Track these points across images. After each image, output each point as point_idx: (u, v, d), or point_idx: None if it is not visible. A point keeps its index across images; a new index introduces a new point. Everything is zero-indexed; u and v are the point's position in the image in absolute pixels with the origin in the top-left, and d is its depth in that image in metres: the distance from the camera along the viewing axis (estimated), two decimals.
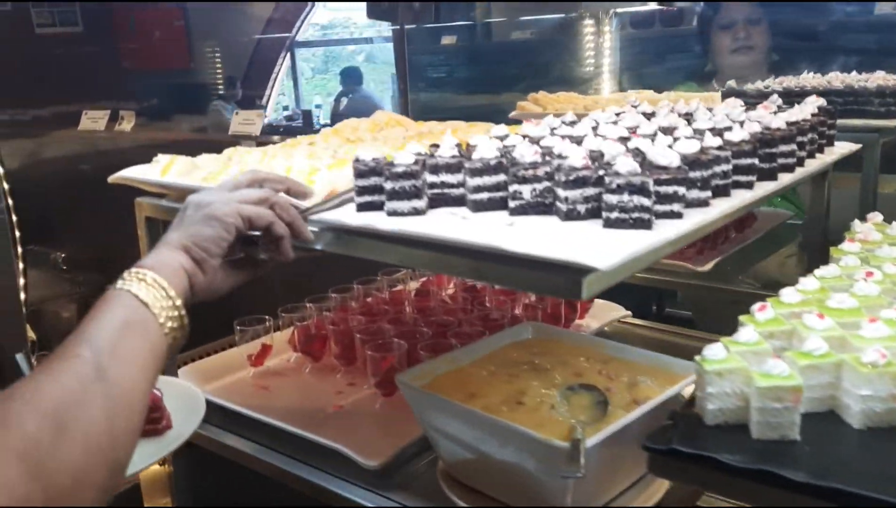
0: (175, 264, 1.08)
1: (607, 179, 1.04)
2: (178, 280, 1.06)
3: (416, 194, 1.17)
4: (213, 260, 1.13)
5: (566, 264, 0.93)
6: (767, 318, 1.05)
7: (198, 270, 1.11)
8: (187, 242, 1.11)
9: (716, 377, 0.92)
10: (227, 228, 1.13)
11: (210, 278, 1.13)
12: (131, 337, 0.94)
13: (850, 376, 0.91)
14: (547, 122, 1.54)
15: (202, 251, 1.11)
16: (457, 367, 1.38)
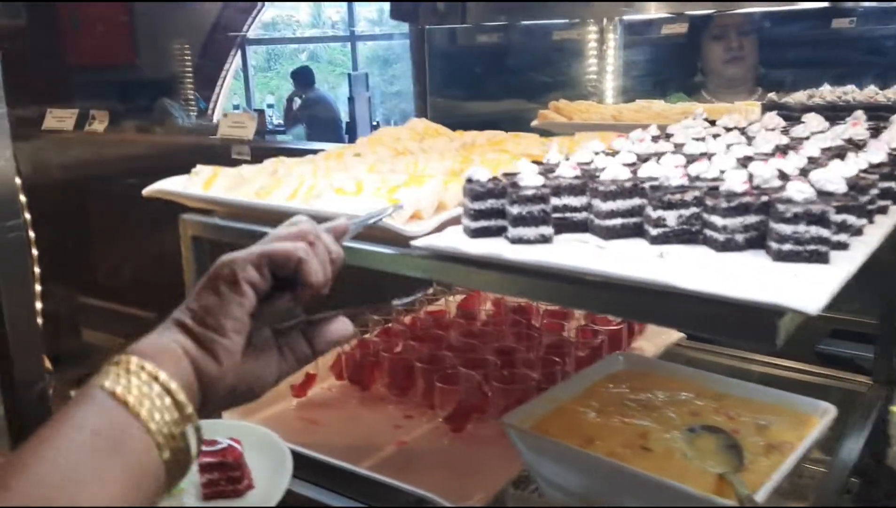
0: (172, 347, 0.75)
1: (780, 206, 0.94)
2: (177, 370, 0.73)
3: (545, 219, 1.05)
4: (226, 339, 0.77)
5: (762, 305, 0.82)
6: None
7: (205, 355, 0.76)
8: (184, 318, 0.78)
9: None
10: (236, 287, 0.78)
11: (228, 368, 0.77)
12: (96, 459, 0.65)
13: None
14: (634, 136, 1.44)
15: (205, 329, 0.77)
16: (559, 406, 1.26)
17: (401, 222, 1.17)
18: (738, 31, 2.99)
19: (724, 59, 3.03)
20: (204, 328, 0.77)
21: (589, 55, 3.53)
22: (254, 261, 0.80)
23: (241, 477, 1.18)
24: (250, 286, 0.79)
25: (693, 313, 0.87)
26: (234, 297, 0.78)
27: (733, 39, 2.99)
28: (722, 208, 0.97)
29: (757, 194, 0.98)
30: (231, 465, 1.18)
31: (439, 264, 1.09)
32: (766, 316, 0.82)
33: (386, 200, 1.26)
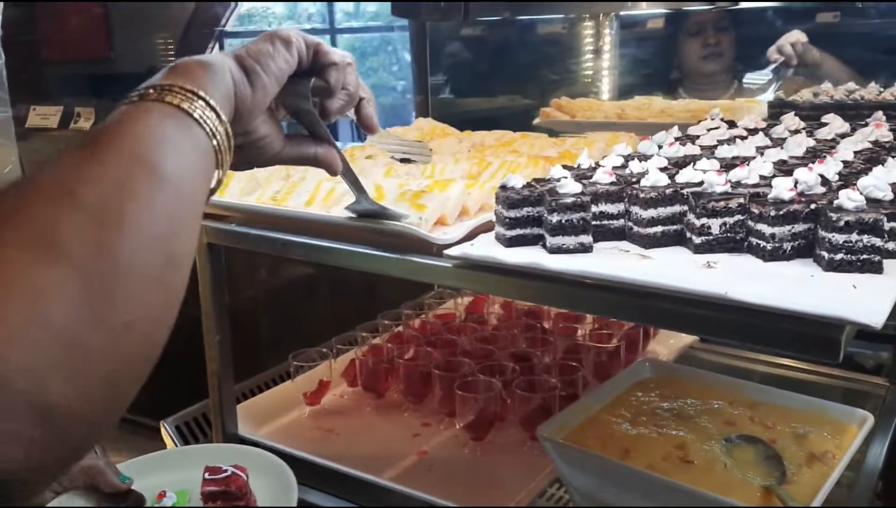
0: (220, 67, 0.80)
1: (833, 215, 0.91)
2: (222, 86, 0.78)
3: (584, 228, 1.02)
4: (267, 77, 0.85)
5: (825, 319, 0.80)
6: None
7: (246, 81, 0.83)
8: (240, 51, 0.86)
9: None
10: (288, 47, 0.89)
11: (259, 100, 0.84)
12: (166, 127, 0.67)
13: None
14: (659, 139, 1.41)
15: (255, 62, 0.85)
16: (589, 416, 1.23)
17: (426, 228, 1.14)
18: (716, 27, 2.96)
19: (702, 55, 3.00)
20: (254, 61, 0.85)
21: (585, 51, 3.51)
22: (307, 40, 0.92)
23: (245, 506, 1.15)
24: (297, 54, 0.90)
25: (754, 327, 0.85)
26: (283, 52, 0.88)
27: (710, 36, 2.96)
28: (770, 216, 0.95)
29: (805, 202, 0.96)
30: (234, 494, 1.15)
31: (473, 273, 1.05)
32: (828, 330, 0.80)
33: (410, 205, 1.23)
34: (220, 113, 0.73)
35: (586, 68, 3.46)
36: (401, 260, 1.12)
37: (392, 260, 1.13)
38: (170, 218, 0.61)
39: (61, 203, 0.54)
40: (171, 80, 0.72)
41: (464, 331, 1.83)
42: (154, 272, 0.58)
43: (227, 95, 0.79)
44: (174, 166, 0.64)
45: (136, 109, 0.67)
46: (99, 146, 0.61)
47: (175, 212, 0.62)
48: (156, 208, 0.60)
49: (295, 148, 0.96)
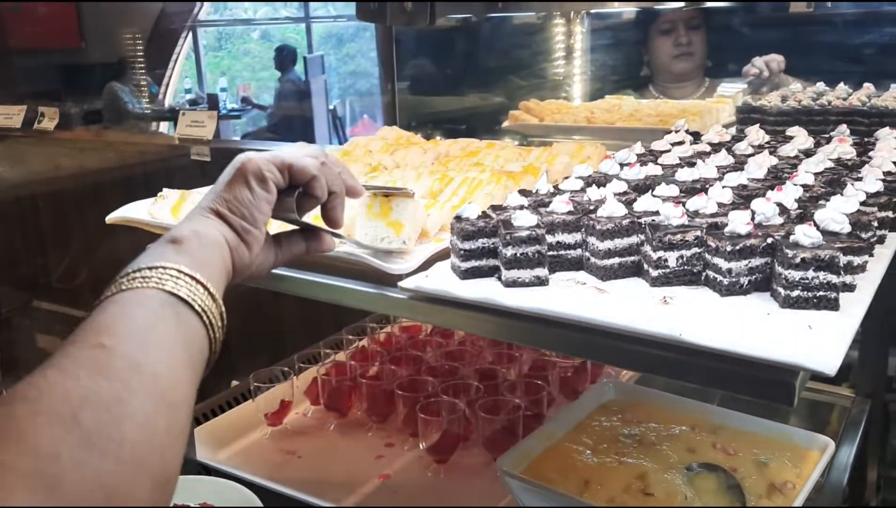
0: (214, 236, 0.84)
1: (788, 252, 0.90)
2: (218, 258, 0.83)
3: (540, 261, 0.99)
4: (257, 231, 0.89)
5: (778, 364, 0.78)
6: None
7: (241, 243, 0.87)
8: (222, 208, 0.87)
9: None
10: (265, 185, 0.89)
11: (254, 256, 0.90)
12: (164, 324, 0.70)
13: None
14: (621, 158, 1.39)
15: (242, 219, 0.87)
16: (552, 443, 1.21)
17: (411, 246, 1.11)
18: (687, 25, 2.95)
19: (673, 54, 2.99)
20: (241, 219, 0.87)
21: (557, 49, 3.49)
22: (278, 165, 0.91)
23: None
24: (273, 184, 0.91)
25: (709, 369, 0.83)
26: (263, 193, 0.89)
27: (682, 34, 2.95)
28: (727, 250, 0.93)
29: (762, 236, 0.94)
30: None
31: (429, 306, 1.03)
32: (783, 375, 0.79)
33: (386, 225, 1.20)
34: (217, 298, 0.77)
35: (557, 67, 3.43)
36: (356, 291, 1.10)
37: (347, 290, 1.10)
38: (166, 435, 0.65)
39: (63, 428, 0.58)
40: (170, 260, 0.75)
41: (427, 345, 1.81)
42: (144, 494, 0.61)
43: (225, 269, 0.84)
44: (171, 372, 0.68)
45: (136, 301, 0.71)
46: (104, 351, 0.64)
47: (170, 429, 0.65)
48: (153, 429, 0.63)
49: (287, 252, 1.00)
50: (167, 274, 0.74)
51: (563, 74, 3.49)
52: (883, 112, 2.07)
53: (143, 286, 0.72)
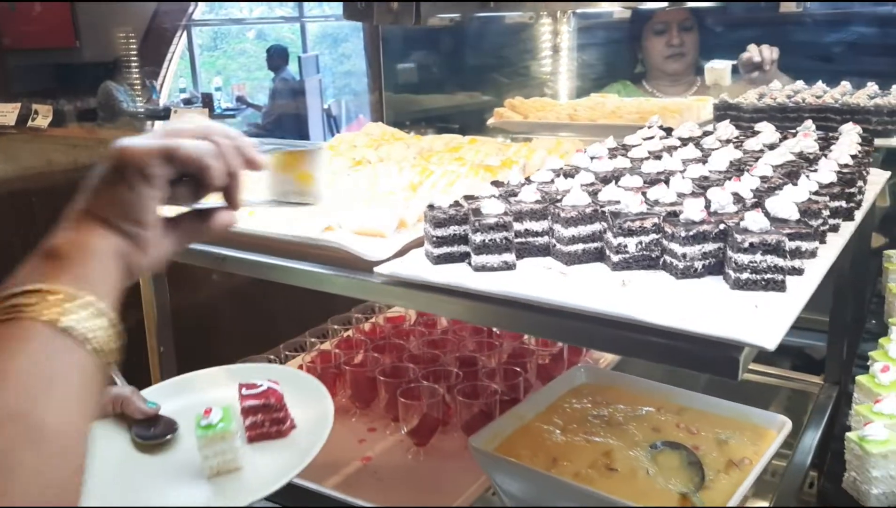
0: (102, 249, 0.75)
1: (738, 236, 0.95)
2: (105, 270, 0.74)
3: (507, 247, 1.05)
4: (149, 232, 0.79)
5: (723, 340, 0.84)
6: (892, 380, 1.00)
7: (132, 249, 0.78)
8: (102, 211, 0.77)
9: (881, 459, 0.85)
10: (149, 182, 0.78)
11: (149, 256, 0.80)
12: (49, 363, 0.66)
13: None
14: (592, 152, 1.44)
15: (128, 223, 0.77)
16: (524, 424, 1.27)
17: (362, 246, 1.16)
18: (680, 26, 3.04)
19: (666, 54, 3.08)
20: (128, 223, 0.78)
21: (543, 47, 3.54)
22: (162, 155, 0.79)
23: (285, 418, 1.15)
24: (160, 179, 0.79)
25: (658, 346, 0.89)
26: (148, 191, 0.78)
27: (674, 35, 3.04)
28: (681, 236, 0.99)
29: (715, 222, 1.00)
30: (274, 406, 1.14)
31: (404, 290, 1.08)
32: (727, 351, 0.84)
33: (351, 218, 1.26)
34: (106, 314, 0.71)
35: (544, 65, 3.49)
36: (333, 276, 1.15)
37: (325, 276, 1.16)
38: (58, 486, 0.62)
39: None
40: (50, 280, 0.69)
41: (411, 334, 1.86)
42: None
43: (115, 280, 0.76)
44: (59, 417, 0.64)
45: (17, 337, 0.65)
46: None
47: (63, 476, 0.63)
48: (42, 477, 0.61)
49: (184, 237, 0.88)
50: (47, 300, 0.68)
51: (550, 72, 3.54)
52: (854, 109, 2.14)
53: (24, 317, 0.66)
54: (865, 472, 0.87)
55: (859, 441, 0.88)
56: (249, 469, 1.11)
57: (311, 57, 9.33)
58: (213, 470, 1.10)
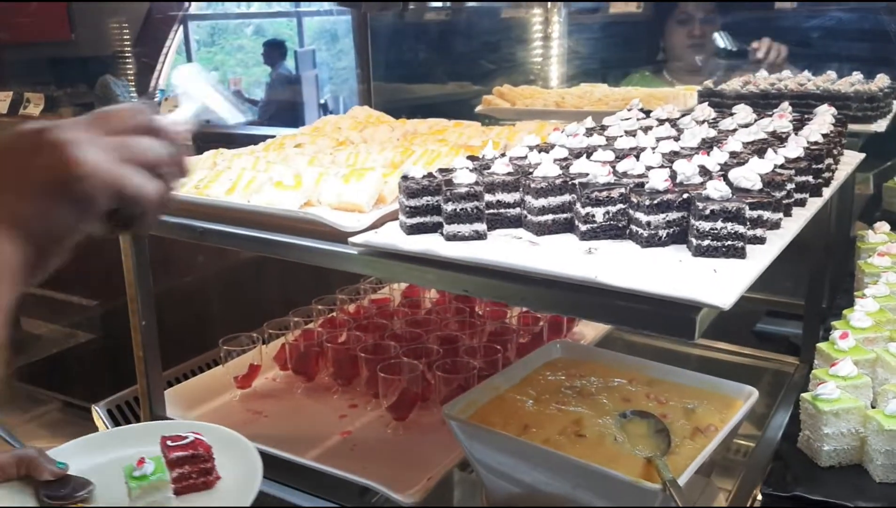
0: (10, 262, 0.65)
1: (699, 204, 0.98)
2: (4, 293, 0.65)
3: (479, 216, 1.07)
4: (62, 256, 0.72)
5: (680, 300, 0.86)
6: (850, 346, 1.02)
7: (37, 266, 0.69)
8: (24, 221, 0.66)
9: (832, 417, 0.88)
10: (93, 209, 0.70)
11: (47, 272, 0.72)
12: None
13: None
14: (570, 130, 1.47)
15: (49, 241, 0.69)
16: (498, 395, 1.29)
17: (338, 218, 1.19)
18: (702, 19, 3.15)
19: (687, 44, 3.17)
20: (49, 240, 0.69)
21: (534, 38, 3.56)
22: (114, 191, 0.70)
23: (212, 469, 1.18)
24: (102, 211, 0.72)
25: (618, 308, 0.91)
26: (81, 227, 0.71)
27: (696, 27, 3.14)
28: (645, 205, 1.01)
29: (679, 192, 1.02)
30: (203, 457, 1.17)
31: (377, 260, 1.10)
32: (684, 311, 0.87)
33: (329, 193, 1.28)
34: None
35: (536, 56, 3.51)
36: (308, 247, 1.17)
37: (300, 247, 1.18)
38: None
39: None
40: None
41: (395, 316, 1.89)
42: None
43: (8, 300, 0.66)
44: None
45: None
46: None
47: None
48: None
49: None
50: None
51: (541, 62, 3.57)
52: (834, 95, 2.16)
53: None
54: (818, 430, 0.90)
55: (812, 401, 0.91)
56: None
57: (308, 52, 9.33)
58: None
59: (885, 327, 1.09)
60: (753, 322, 2.47)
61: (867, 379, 0.96)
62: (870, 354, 1.03)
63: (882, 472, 0.86)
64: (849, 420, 0.88)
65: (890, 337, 1.04)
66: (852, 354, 1.02)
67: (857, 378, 0.95)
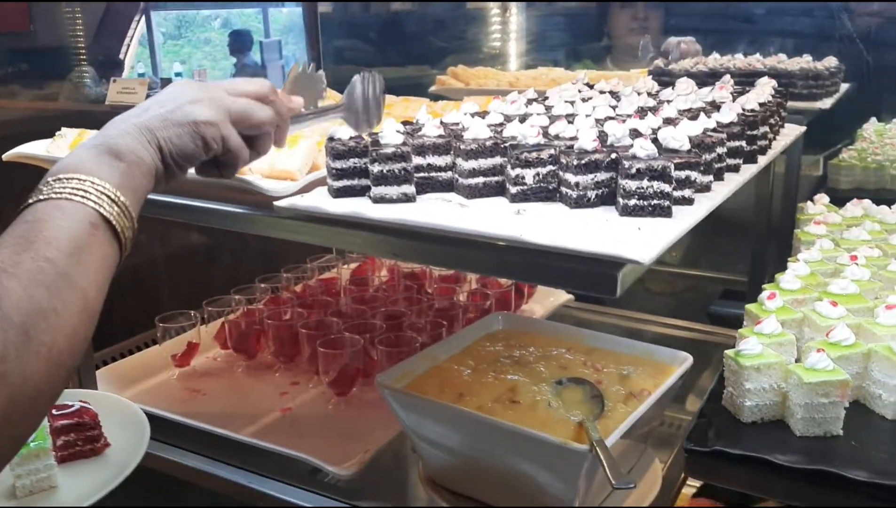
0: (150, 166, 0.88)
1: (626, 163, 0.97)
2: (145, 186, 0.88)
3: (407, 178, 1.05)
4: (182, 174, 0.95)
5: (602, 257, 0.85)
6: (777, 307, 1.02)
7: (166, 176, 0.92)
8: (165, 145, 0.90)
9: (754, 372, 0.88)
10: (207, 148, 0.93)
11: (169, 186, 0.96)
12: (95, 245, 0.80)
13: (881, 366, 0.89)
14: (509, 98, 1.45)
15: (175, 165, 0.92)
16: (435, 365, 1.28)
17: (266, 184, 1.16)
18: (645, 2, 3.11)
19: (630, 27, 3.13)
20: (175, 163, 0.92)
21: (492, 22, 3.55)
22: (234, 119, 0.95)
23: (99, 436, 1.16)
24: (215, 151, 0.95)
25: (543, 267, 0.90)
26: (203, 154, 0.94)
27: (640, 11, 3.09)
28: (574, 165, 1.00)
29: (607, 152, 1.01)
30: (88, 425, 1.15)
31: (304, 224, 1.08)
32: (606, 268, 0.86)
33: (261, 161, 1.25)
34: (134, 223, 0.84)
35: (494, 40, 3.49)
36: (235, 213, 1.14)
37: (226, 213, 1.15)
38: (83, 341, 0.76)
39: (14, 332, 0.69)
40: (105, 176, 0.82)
41: (341, 294, 1.86)
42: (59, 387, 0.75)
43: (146, 195, 0.89)
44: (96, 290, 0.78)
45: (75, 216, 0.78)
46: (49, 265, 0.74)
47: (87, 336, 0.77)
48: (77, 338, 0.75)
49: None
50: (102, 193, 0.81)
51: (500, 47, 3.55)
52: (780, 73, 2.18)
53: (81, 200, 0.79)
54: (740, 386, 0.90)
55: (735, 357, 0.91)
56: (65, 488, 1.13)
57: (274, 42, 9.21)
58: (26, 490, 1.11)
59: (814, 289, 1.10)
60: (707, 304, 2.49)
61: (791, 336, 0.96)
62: (797, 314, 1.03)
63: (802, 426, 0.87)
64: (770, 376, 0.88)
65: (818, 299, 1.04)
66: (779, 314, 1.02)
67: (780, 336, 0.95)
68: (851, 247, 1.27)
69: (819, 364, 0.86)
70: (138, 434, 1.21)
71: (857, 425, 0.89)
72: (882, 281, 1.14)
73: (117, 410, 1.29)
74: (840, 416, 0.86)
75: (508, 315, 1.47)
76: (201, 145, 0.92)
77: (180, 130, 0.91)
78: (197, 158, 0.94)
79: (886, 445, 0.86)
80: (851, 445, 0.85)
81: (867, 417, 0.91)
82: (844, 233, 1.34)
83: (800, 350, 1.00)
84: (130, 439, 1.20)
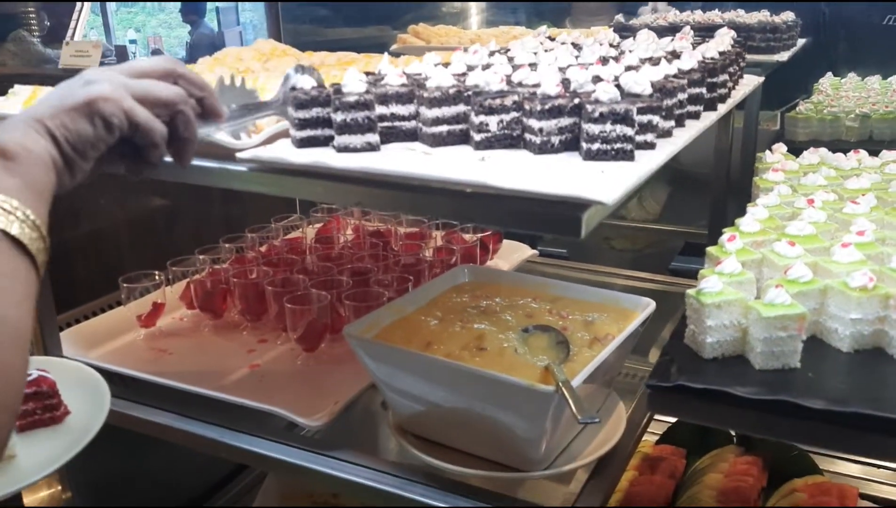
0: (44, 158, 0.80)
1: (589, 107, 0.97)
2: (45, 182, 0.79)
3: (371, 126, 1.05)
4: (87, 164, 0.86)
5: (565, 199, 0.86)
6: (737, 248, 1.05)
7: (66, 171, 0.84)
8: (58, 132, 0.82)
9: (715, 309, 0.90)
10: (109, 128, 0.85)
11: (74, 182, 0.86)
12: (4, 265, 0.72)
13: (837, 301, 0.92)
14: (471, 49, 1.44)
15: (74, 152, 0.83)
16: (403, 316, 1.28)
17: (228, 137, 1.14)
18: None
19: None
20: (74, 151, 0.84)
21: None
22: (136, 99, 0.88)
23: (59, 405, 1.15)
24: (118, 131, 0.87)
25: (507, 211, 0.90)
26: (106, 135, 0.86)
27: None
28: (537, 111, 1.00)
29: (570, 97, 1.02)
30: (47, 393, 1.14)
31: (266, 175, 1.07)
32: (570, 210, 0.86)
33: None
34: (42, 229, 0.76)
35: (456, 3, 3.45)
36: (196, 166, 1.12)
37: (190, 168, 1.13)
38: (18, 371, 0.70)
39: None
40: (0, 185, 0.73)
41: (307, 253, 1.85)
42: None
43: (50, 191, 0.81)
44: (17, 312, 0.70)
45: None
46: None
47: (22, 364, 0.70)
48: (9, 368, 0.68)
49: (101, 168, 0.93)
50: None
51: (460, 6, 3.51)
52: (738, 26, 2.20)
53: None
54: (702, 323, 0.92)
55: (696, 295, 0.93)
56: (23, 456, 1.11)
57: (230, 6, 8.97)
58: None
59: (773, 232, 1.12)
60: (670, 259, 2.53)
61: (751, 275, 0.98)
62: (756, 255, 1.05)
63: (762, 359, 0.89)
64: (731, 313, 0.90)
65: (777, 239, 1.07)
66: (739, 255, 1.05)
67: (740, 275, 0.97)
68: (808, 192, 1.30)
69: (777, 299, 0.88)
70: (98, 401, 1.19)
71: (814, 358, 0.92)
72: (838, 223, 1.17)
73: (77, 377, 1.27)
74: (798, 349, 0.89)
75: (475, 267, 1.48)
76: (101, 125, 0.85)
77: (74, 114, 0.84)
78: (100, 141, 0.86)
79: (842, 376, 0.90)
80: (808, 377, 0.88)
81: (823, 350, 0.95)
82: (801, 179, 1.38)
83: (759, 291, 1.03)
84: (91, 406, 1.19)
